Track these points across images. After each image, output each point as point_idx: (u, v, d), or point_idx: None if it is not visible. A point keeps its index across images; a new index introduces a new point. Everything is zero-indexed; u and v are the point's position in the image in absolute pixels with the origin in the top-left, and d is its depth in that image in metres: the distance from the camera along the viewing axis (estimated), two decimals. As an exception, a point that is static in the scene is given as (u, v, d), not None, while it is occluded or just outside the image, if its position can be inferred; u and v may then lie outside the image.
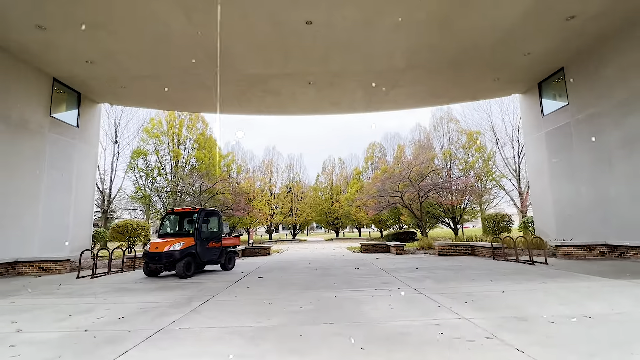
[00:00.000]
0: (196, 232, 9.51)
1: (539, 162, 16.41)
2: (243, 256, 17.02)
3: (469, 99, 19.49)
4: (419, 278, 8.12)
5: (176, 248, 9.00)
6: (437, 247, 14.39)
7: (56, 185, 14.12)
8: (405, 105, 19.49)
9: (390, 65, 13.94)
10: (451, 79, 15.48)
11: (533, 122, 16.87)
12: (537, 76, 15.74)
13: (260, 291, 7.00)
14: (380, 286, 7.16)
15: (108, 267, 10.25)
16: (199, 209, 9.92)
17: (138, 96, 16.77)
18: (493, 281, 7.33)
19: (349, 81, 15.39)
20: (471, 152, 27.42)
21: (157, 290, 7.45)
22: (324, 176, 45.79)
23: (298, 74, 14.41)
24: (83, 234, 15.94)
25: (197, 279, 9.03)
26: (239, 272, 10.27)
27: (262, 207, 36.18)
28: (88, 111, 16.55)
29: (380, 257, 14.51)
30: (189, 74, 14.20)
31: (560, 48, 12.84)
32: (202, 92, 16.13)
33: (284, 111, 19.36)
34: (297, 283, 7.91)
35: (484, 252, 13.09)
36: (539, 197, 16.53)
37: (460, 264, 10.73)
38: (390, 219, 33.65)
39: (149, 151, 25.29)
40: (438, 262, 11.75)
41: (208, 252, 9.93)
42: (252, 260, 14.84)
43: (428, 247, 17.11)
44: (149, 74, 14.02)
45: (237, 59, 12.96)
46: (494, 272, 8.78)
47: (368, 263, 12.02)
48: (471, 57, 13.46)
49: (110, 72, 13.78)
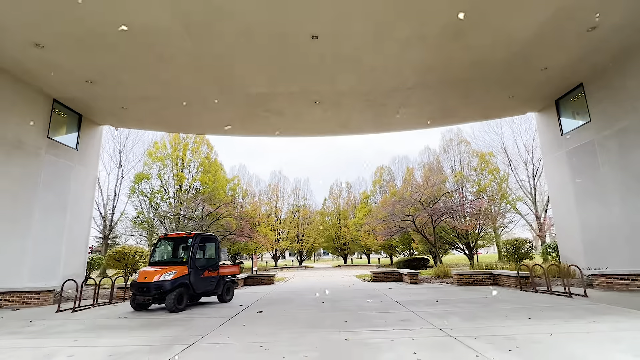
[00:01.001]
0: (190, 260, 8.55)
1: (561, 183, 15.36)
2: (245, 285, 15.90)
3: (481, 118, 18.75)
4: (442, 314, 7.00)
5: (167, 278, 8.03)
6: (456, 276, 13.14)
7: (50, 209, 13.41)
8: (414, 126, 18.80)
9: (400, 83, 13.36)
10: (463, 97, 14.81)
11: (552, 141, 15.99)
12: (554, 93, 15.02)
13: (258, 331, 5.97)
14: (398, 325, 6.08)
15: (94, 299, 9.27)
16: (194, 233, 9.00)
17: (140, 118, 16.37)
18: (532, 319, 6.19)
19: (357, 101, 14.81)
20: (484, 174, 26.37)
21: (139, 328, 6.45)
22: (331, 200, 44.77)
23: (304, 93, 13.88)
24: (77, 262, 15.05)
25: (189, 313, 8.00)
26: (238, 304, 9.20)
27: (268, 232, 35.09)
28: (88, 133, 16.13)
29: (393, 286, 13.30)
30: (192, 95, 13.78)
31: (579, 62, 12.15)
32: (206, 114, 15.69)
33: (290, 132, 18.76)
34: (302, 320, 6.86)
35: (508, 282, 11.83)
36: (564, 220, 15.34)
37: (485, 296, 9.53)
38: (400, 244, 32.20)
39: (152, 175, 24.80)
40: (459, 293, 10.55)
41: (203, 282, 8.91)
42: (254, 290, 13.73)
43: (444, 276, 15.81)
44: (151, 94, 13.61)
45: (240, 78, 12.51)
46: (529, 306, 7.61)
47: (380, 294, 10.86)
48: (484, 74, 12.82)
49: (111, 92, 13.39)
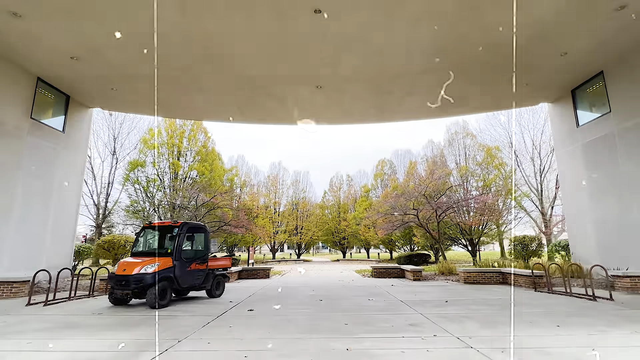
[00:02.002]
0: (175, 251, 7.75)
1: (575, 178, 14.52)
2: (240, 278, 15.17)
3: (492, 108, 17.83)
4: (455, 317, 6.21)
5: (148, 271, 7.24)
6: (463, 274, 12.37)
7: (33, 194, 12.60)
8: (420, 115, 17.89)
9: (407, 68, 12.46)
10: (474, 84, 13.89)
11: (566, 134, 15.11)
12: (570, 82, 14.12)
13: (245, 335, 5.18)
14: (407, 330, 5.29)
15: (70, 292, 8.49)
16: (180, 222, 8.18)
17: (131, 100, 15.45)
18: (561, 326, 5.40)
19: (361, 87, 13.92)
20: (490, 169, 25.51)
21: (109, 328, 5.67)
22: (331, 193, 43.98)
23: (305, 77, 12.98)
24: (64, 251, 14.28)
25: (172, 310, 7.23)
26: (228, 300, 8.42)
27: (266, 224, 34.35)
28: (77, 116, 15.25)
29: (395, 283, 12.54)
30: (185, 74, 12.89)
31: (602, 47, 11.23)
32: (200, 96, 14.77)
33: (289, 119, 17.87)
34: (296, 321, 6.08)
35: (519, 281, 11.05)
36: (576, 217, 14.54)
37: (499, 297, 8.75)
38: (401, 239, 31.48)
39: (147, 163, 23.98)
40: (468, 292, 9.78)
41: (190, 275, 8.12)
42: (248, 284, 12.97)
43: (449, 273, 15.06)
44: (140, 73, 12.70)
45: (238, 59, 11.61)
46: (551, 310, 6.82)
47: (383, 292, 10.09)
48: (499, 58, 11.90)
49: (98, 70, 12.47)
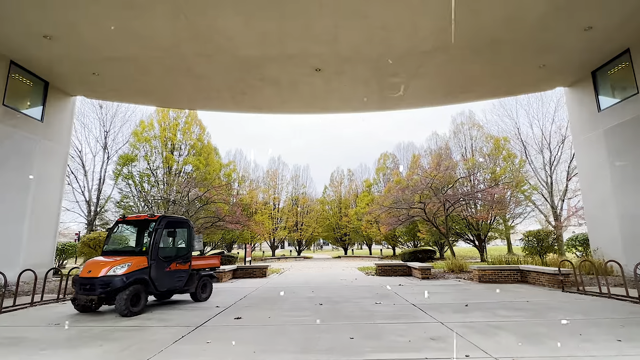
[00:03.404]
0: (151, 249, 6.64)
1: (595, 166, 13.39)
2: (234, 277, 14.10)
3: (503, 94, 16.63)
4: (484, 328, 5.11)
5: (117, 272, 6.14)
6: (476, 272, 11.27)
7: (7, 188, 11.55)
8: (425, 102, 16.72)
9: (415, 45, 11.29)
10: (487, 64, 12.73)
11: (585, 119, 13.96)
12: (592, 62, 12.94)
13: (222, 356, 4.10)
14: (430, 348, 4.19)
15: (32, 297, 7.41)
16: (158, 216, 7.08)
17: (116, 87, 14.29)
18: (623, 341, 4.30)
19: (362, 68, 12.76)
20: (498, 161, 24.36)
21: (59, 345, 4.55)
22: (331, 188, 42.83)
23: (302, 57, 11.82)
24: (44, 249, 13.21)
25: (146, 318, 6.12)
26: (214, 305, 7.33)
27: (265, 220, 33.27)
28: (57, 104, 14.12)
29: (403, 282, 11.45)
30: (172, 56, 11.75)
31: (631, 20, 10.07)
32: (189, 81, 13.60)
33: (286, 108, 16.69)
34: (290, 334, 4.98)
35: (542, 280, 9.95)
36: (597, 209, 13.42)
37: (524, 299, 7.63)
38: (405, 235, 30.37)
39: (139, 157, 22.85)
40: (486, 293, 8.68)
41: (169, 277, 7.01)
42: (242, 284, 11.89)
43: (459, 270, 13.97)
44: (122, 55, 11.55)
45: (227, 36, 10.47)
46: (596, 317, 5.69)
47: (391, 293, 9.00)
48: (516, 35, 10.73)
49: (76, 52, 11.33)
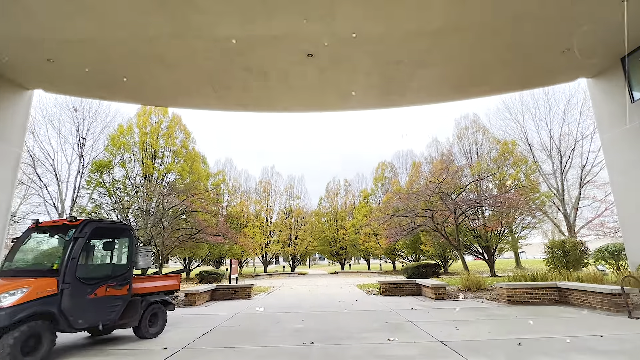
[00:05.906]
0: (65, 268, 4.60)
1: (630, 165, 11.59)
2: (213, 299, 11.90)
3: (518, 87, 14.91)
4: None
5: (3, 303, 4.09)
6: (505, 291, 9.21)
7: None
8: (431, 97, 14.89)
9: (421, 28, 9.59)
10: (503, 49, 11.00)
11: (615, 113, 12.22)
12: (620, 48, 11.30)
13: None
14: None
15: None
16: (81, 220, 5.07)
17: (77, 79, 12.25)
18: None
19: (362, 54, 10.95)
20: (507, 166, 22.60)
21: None
22: (327, 200, 40.75)
23: (291, 38, 9.98)
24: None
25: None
26: (162, 346, 5.23)
27: (256, 234, 31.01)
28: (8, 98, 12.08)
29: (415, 305, 9.35)
30: (137, 38, 9.89)
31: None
32: (162, 72, 11.68)
33: (276, 105, 14.80)
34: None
35: (590, 301, 7.92)
36: (633, 215, 11.58)
37: (591, 331, 5.57)
38: (406, 248, 28.24)
39: (114, 163, 20.76)
40: (530, 321, 6.65)
41: (93, 307, 4.88)
42: (217, 308, 9.70)
43: (477, 288, 11.92)
44: (79, 35, 9.67)
45: (200, 9, 8.66)
46: None
47: (404, 321, 6.92)
48: (541, 9, 9.08)
49: (19, 29, 9.45)
